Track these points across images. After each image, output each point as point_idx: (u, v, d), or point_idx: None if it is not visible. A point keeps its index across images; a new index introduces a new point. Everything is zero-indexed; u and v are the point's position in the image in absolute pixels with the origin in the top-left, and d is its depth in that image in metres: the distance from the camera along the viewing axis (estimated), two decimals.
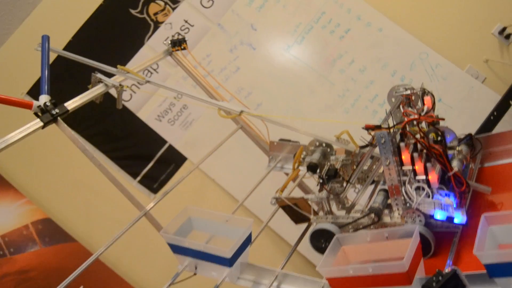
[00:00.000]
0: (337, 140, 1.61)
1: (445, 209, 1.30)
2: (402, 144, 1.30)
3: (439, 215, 1.30)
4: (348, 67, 2.74)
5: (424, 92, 1.55)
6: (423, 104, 1.54)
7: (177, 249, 1.37)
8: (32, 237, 2.78)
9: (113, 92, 1.75)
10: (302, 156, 1.69)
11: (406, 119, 1.40)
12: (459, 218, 1.30)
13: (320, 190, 1.53)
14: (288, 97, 2.76)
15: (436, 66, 2.68)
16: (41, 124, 1.37)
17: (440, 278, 0.98)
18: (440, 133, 1.46)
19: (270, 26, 2.81)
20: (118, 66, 1.71)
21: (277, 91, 2.76)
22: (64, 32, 2.88)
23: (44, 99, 1.40)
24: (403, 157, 1.31)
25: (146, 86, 2.71)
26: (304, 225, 1.62)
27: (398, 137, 1.34)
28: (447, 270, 1.00)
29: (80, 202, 2.88)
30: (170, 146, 2.84)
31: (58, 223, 2.83)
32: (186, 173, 1.69)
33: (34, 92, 2.86)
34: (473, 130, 2.54)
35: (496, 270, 1.01)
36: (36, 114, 1.39)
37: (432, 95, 1.54)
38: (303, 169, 1.68)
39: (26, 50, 2.88)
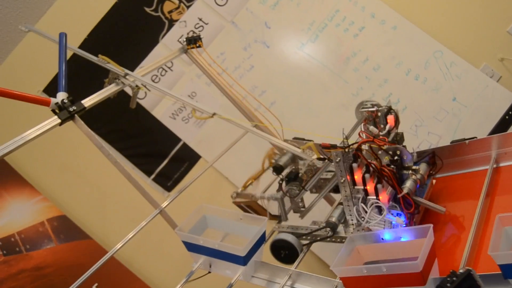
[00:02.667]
0: (302, 152, 1.69)
1: (394, 228, 1.35)
2: (354, 165, 1.36)
3: (387, 236, 1.35)
4: (362, 66, 2.73)
5: (389, 111, 1.57)
6: (386, 123, 1.56)
7: (192, 247, 1.38)
8: (48, 234, 2.81)
9: (128, 90, 1.76)
10: (275, 158, 1.77)
11: (361, 139, 1.47)
12: (406, 238, 1.33)
13: (278, 190, 1.61)
14: (301, 95, 2.76)
15: (450, 64, 2.67)
16: (59, 121, 1.38)
17: (454, 278, 0.98)
18: (394, 155, 1.49)
19: (284, 24, 2.81)
20: (99, 55, 1.72)
21: (291, 90, 2.76)
22: (79, 30, 2.90)
23: (61, 96, 1.41)
24: (355, 177, 1.37)
25: (160, 85, 2.72)
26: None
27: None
28: (461, 270, 1.00)
29: (95, 199, 2.91)
30: (184, 144, 2.86)
31: (73, 220, 2.85)
32: (200, 171, 1.70)
33: (50, 90, 2.89)
34: (488, 129, 2.54)
35: (511, 271, 1.00)
36: (53, 111, 1.40)
37: (396, 114, 1.59)
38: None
39: (42, 48, 2.92)
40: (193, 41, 1.89)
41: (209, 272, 1.42)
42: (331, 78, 2.74)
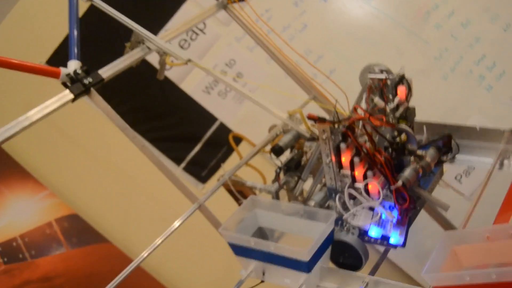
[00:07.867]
0: (289, 118, 1.67)
1: (383, 225, 1.35)
2: (342, 145, 1.34)
3: (374, 232, 1.36)
4: (446, 21, 2.66)
5: (401, 80, 1.53)
6: (396, 94, 1.52)
7: (241, 251, 1.36)
8: (57, 237, 2.85)
9: (151, 59, 1.75)
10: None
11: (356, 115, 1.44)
12: (396, 238, 1.34)
13: (274, 181, 1.62)
14: (368, 60, 2.70)
15: None
16: (71, 96, 1.37)
17: None
18: (394, 137, 1.46)
19: None
20: None
21: (355, 54, 2.72)
22: None
23: (74, 65, 1.40)
24: (343, 159, 1.36)
25: (192, 52, 2.72)
26: None
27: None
28: None
29: (114, 194, 2.93)
30: (222, 125, 2.86)
31: (87, 220, 2.88)
32: (245, 158, 1.69)
33: (54, 61, 2.91)
34: None
35: None
36: (64, 84, 1.39)
37: (409, 85, 1.54)
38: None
39: (43, 12, 2.94)
40: None
41: (262, 281, 1.41)
42: (406, 38, 2.68)
